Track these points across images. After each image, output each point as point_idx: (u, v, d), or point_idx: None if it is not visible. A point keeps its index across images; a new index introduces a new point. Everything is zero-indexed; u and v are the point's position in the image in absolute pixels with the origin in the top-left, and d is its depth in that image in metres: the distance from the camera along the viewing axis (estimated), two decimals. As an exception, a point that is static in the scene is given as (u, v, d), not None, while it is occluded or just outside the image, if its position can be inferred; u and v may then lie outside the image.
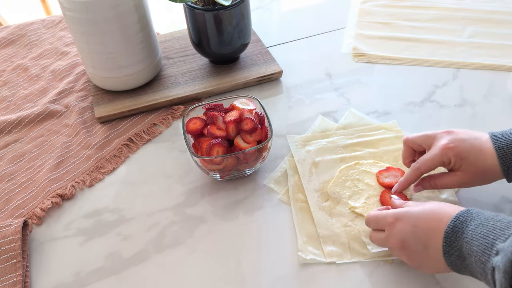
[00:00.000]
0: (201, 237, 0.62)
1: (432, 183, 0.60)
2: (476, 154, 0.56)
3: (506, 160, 0.55)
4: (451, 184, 0.59)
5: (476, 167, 0.56)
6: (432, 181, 0.60)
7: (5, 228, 0.61)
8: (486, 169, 0.56)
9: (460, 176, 0.58)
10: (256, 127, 0.65)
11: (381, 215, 0.55)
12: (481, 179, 0.58)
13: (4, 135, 0.79)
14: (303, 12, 1.06)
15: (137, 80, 0.82)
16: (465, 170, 0.57)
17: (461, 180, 0.58)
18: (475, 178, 0.57)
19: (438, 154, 0.58)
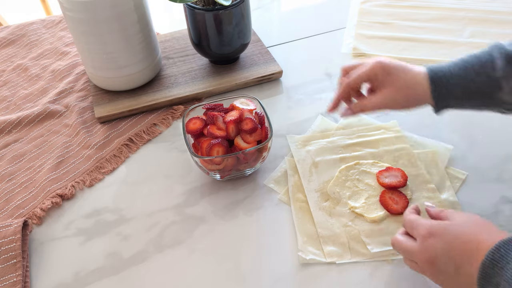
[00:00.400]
0: (201, 237, 0.62)
1: (361, 105, 0.60)
2: (403, 70, 0.58)
3: (436, 80, 0.56)
4: (377, 103, 0.59)
5: (403, 81, 0.57)
6: (361, 103, 0.60)
7: (5, 228, 0.61)
8: (413, 86, 0.57)
9: (386, 92, 0.58)
10: (256, 127, 0.65)
11: (418, 223, 0.50)
12: (405, 95, 0.58)
13: (4, 135, 0.79)
14: (303, 12, 1.06)
15: (137, 80, 0.82)
16: (391, 85, 0.58)
17: (388, 97, 0.58)
18: (400, 94, 0.58)
19: (367, 68, 0.59)
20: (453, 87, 0.56)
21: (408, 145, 0.70)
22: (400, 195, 0.62)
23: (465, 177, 0.66)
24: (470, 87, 0.55)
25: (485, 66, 0.55)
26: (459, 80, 0.56)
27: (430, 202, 0.56)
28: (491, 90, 0.55)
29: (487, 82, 0.55)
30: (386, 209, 0.62)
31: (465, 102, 0.57)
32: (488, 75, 0.55)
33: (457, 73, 0.56)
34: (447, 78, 0.56)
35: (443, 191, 0.64)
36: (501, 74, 0.54)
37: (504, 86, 0.54)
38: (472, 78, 0.55)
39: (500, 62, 0.54)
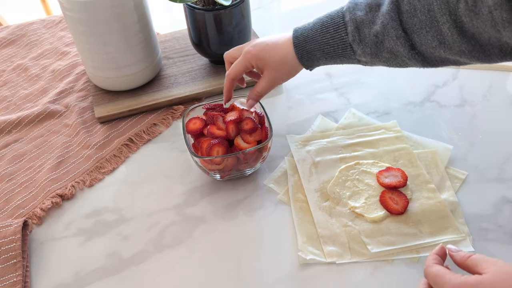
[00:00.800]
0: (201, 237, 0.62)
1: (255, 92, 0.65)
2: (270, 50, 0.62)
3: (299, 48, 0.60)
4: (265, 86, 0.64)
5: (273, 61, 0.62)
6: (254, 90, 0.65)
7: (5, 228, 0.61)
8: (283, 60, 0.62)
9: (266, 75, 0.63)
10: (256, 127, 0.65)
11: (442, 278, 0.43)
12: (283, 71, 0.63)
13: (4, 135, 0.79)
14: (303, 12, 1.06)
15: (137, 80, 0.82)
16: (267, 67, 0.63)
17: (270, 78, 0.63)
18: (278, 72, 0.63)
19: (241, 59, 0.64)
20: (313, 51, 0.60)
21: (408, 145, 0.70)
22: (400, 195, 0.62)
23: (465, 177, 0.66)
24: (328, 50, 0.59)
25: (338, 30, 0.58)
26: (317, 44, 0.60)
27: (452, 245, 0.48)
28: (346, 52, 0.59)
29: (341, 45, 0.58)
30: (386, 209, 0.62)
31: (328, 62, 0.61)
32: (341, 39, 0.58)
33: (315, 36, 0.60)
34: (307, 42, 0.60)
35: (443, 191, 0.64)
36: (351, 38, 0.57)
37: (356, 50, 0.58)
38: (328, 41, 0.59)
39: (350, 26, 0.57)
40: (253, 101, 0.66)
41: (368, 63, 0.60)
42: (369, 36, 0.56)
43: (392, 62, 0.58)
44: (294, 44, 0.61)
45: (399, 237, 0.59)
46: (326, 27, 0.59)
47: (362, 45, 0.57)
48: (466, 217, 0.61)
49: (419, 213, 0.61)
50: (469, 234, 0.59)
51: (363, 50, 0.57)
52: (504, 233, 0.59)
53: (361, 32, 0.57)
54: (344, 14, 0.58)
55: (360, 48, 0.57)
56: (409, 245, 0.58)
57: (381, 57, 0.57)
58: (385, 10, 0.54)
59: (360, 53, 0.58)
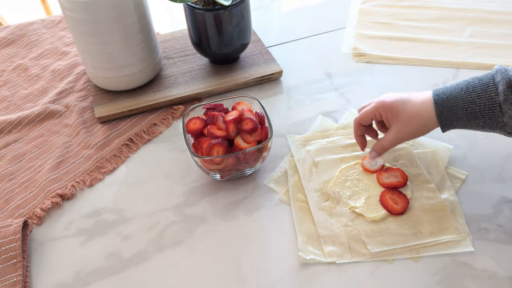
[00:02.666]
0: (201, 237, 0.62)
1: (379, 144, 0.63)
2: (404, 103, 0.60)
3: (439, 104, 0.58)
4: (392, 139, 0.62)
5: (405, 113, 0.60)
6: (379, 142, 0.63)
7: (5, 228, 0.61)
8: (416, 115, 0.59)
9: (395, 127, 0.61)
10: (256, 127, 0.65)
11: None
12: (414, 126, 0.60)
13: (4, 135, 0.79)
14: (303, 12, 1.06)
15: (137, 80, 0.82)
16: (396, 119, 0.61)
17: (397, 132, 0.61)
18: (408, 126, 0.60)
19: (370, 107, 0.63)
20: (456, 109, 0.57)
21: (408, 145, 0.70)
22: (400, 195, 0.62)
23: (465, 177, 0.66)
24: (473, 109, 0.56)
25: (487, 89, 0.55)
26: (461, 102, 0.57)
27: None
28: (493, 113, 0.55)
29: (489, 105, 0.55)
30: (386, 209, 0.62)
31: (468, 123, 0.58)
32: (490, 98, 0.55)
33: (460, 95, 0.57)
34: (449, 100, 0.57)
35: (443, 191, 0.64)
36: (502, 98, 0.54)
37: (506, 110, 0.55)
38: (474, 100, 0.56)
39: (501, 86, 0.54)
40: (376, 153, 0.64)
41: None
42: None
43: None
44: (434, 101, 0.58)
45: (399, 237, 0.59)
46: (472, 86, 0.56)
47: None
48: (466, 217, 0.61)
49: (419, 213, 0.61)
50: (469, 234, 0.59)
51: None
52: (504, 233, 0.59)
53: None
54: (494, 75, 0.56)
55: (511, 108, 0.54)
56: (409, 245, 0.58)
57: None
58: None
59: (510, 114, 0.54)
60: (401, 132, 0.61)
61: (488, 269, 0.56)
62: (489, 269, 0.56)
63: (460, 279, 0.55)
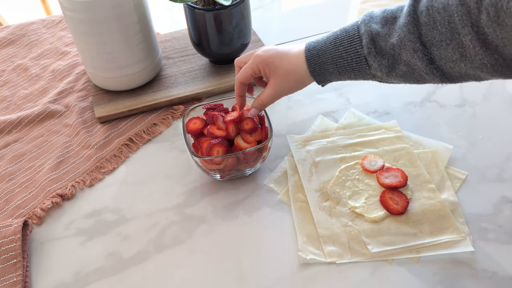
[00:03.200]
0: (201, 237, 0.62)
1: (258, 100, 0.64)
2: (280, 58, 0.60)
3: (311, 60, 0.58)
4: (271, 94, 0.62)
5: (282, 69, 0.60)
6: (258, 98, 0.64)
7: (5, 228, 0.61)
8: (292, 70, 0.60)
9: (273, 82, 0.62)
10: (257, 127, 0.65)
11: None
12: (291, 81, 0.61)
13: (4, 135, 0.79)
14: (303, 12, 1.06)
15: (137, 80, 0.82)
16: (274, 75, 0.61)
17: (275, 87, 0.62)
18: (285, 82, 0.61)
19: (249, 63, 0.62)
20: (326, 64, 0.58)
21: (408, 145, 0.70)
22: (400, 195, 0.62)
23: (465, 177, 0.66)
24: (342, 64, 0.57)
25: (352, 43, 0.56)
26: (330, 57, 0.58)
27: None
28: (360, 66, 0.56)
29: (355, 59, 0.56)
30: (386, 209, 0.62)
31: (340, 77, 0.59)
32: (356, 52, 0.56)
33: (328, 49, 0.58)
34: (320, 56, 0.58)
35: (443, 191, 0.64)
36: (366, 51, 0.55)
37: (371, 63, 0.55)
38: (342, 55, 0.57)
39: (365, 39, 0.55)
40: (256, 110, 0.65)
41: (383, 78, 0.57)
42: (385, 48, 0.54)
43: (409, 76, 0.55)
44: (306, 56, 0.59)
45: (399, 237, 0.59)
46: (340, 40, 0.57)
47: (378, 57, 0.55)
48: (466, 217, 0.61)
49: (419, 213, 0.61)
50: (469, 234, 0.59)
51: (379, 63, 0.55)
52: (504, 233, 0.59)
53: (377, 45, 0.54)
54: (359, 27, 0.56)
55: (376, 61, 0.55)
56: (409, 245, 0.58)
57: (397, 71, 0.55)
58: (402, 22, 0.52)
59: (376, 67, 0.56)
60: (279, 87, 0.62)
61: (488, 269, 0.56)
62: (489, 269, 0.56)
63: (460, 279, 0.55)
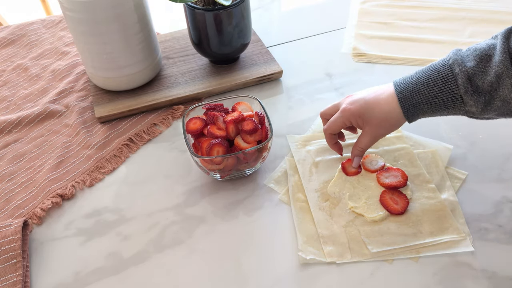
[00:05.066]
0: (201, 237, 0.62)
1: (358, 148, 0.64)
2: (372, 109, 0.61)
3: (405, 102, 0.59)
4: (366, 142, 0.63)
5: (375, 118, 0.61)
6: (357, 147, 0.65)
7: (5, 228, 0.61)
8: (386, 117, 0.61)
9: (367, 131, 0.63)
10: (257, 127, 0.65)
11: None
12: (386, 126, 0.62)
13: (4, 135, 0.79)
14: (303, 12, 1.06)
15: (137, 80, 0.82)
16: (368, 124, 0.62)
17: (372, 135, 0.63)
18: (380, 128, 0.62)
19: (338, 116, 0.64)
20: (421, 105, 0.59)
21: (408, 145, 0.70)
22: (400, 195, 0.62)
23: (465, 177, 0.66)
24: (437, 103, 0.58)
25: (447, 83, 0.57)
26: (425, 98, 0.58)
27: None
28: (455, 104, 0.57)
29: (451, 98, 0.57)
30: (386, 209, 0.62)
31: (434, 114, 0.60)
32: (452, 91, 0.57)
33: (422, 91, 0.58)
34: (413, 97, 0.59)
35: (443, 191, 0.64)
36: (463, 91, 0.56)
37: (467, 101, 0.56)
38: (437, 94, 0.58)
39: (460, 79, 0.56)
40: (358, 158, 0.65)
41: (477, 114, 0.58)
42: (482, 86, 0.55)
43: (504, 110, 0.56)
44: (399, 100, 0.59)
45: (399, 237, 0.59)
46: (433, 80, 0.58)
47: (475, 96, 0.56)
48: (466, 217, 0.61)
49: (419, 213, 0.61)
50: (469, 234, 0.59)
51: (475, 101, 0.56)
52: (504, 233, 0.59)
53: (473, 83, 0.55)
54: (452, 66, 0.57)
55: (472, 99, 0.56)
56: (409, 245, 0.58)
57: (492, 106, 0.56)
58: (499, 59, 0.53)
59: (472, 104, 0.56)
60: (376, 134, 0.63)
61: (488, 269, 0.56)
62: (489, 269, 0.56)
63: (460, 279, 0.55)
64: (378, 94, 0.62)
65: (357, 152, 0.65)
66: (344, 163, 0.67)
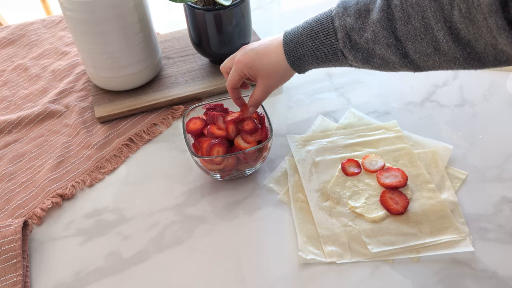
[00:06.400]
0: (201, 237, 0.62)
1: (252, 100, 0.65)
2: (260, 59, 0.62)
3: (290, 54, 0.60)
4: (259, 93, 0.64)
5: (265, 69, 0.62)
6: (252, 98, 0.66)
7: (5, 228, 0.61)
8: (274, 68, 0.62)
9: (261, 83, 0.63)
10: (257, 127, 0.65)
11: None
12: (277, 77, 0.63)
13: (4, 135, 0.79)
14: (303, 12, 1.06)
15: (137, 80, 0.82)
16: (259, 75, 0.63)
17: (264, 86, 0.63)
18: (271, 79, 0.63)
19: (233, 70, 0.64)
20: (304, 57, 0.60)
21: (408, 145, 0.70)
22: (400, 195, 0.62)
23: (465, 177, 0.66)
24: (319, 56, 0.59)
25: (328, 36, 0.57)
26: (308, 51, 0.59)
27: None
28: (337, 57, 0.58)
29: (332, 51, 0.58)
30: (386, 209, 0.62)
31: (319, 66, 0.61)
32: (332, 45, 0.57)
33: (305, 42, 0.59)
34: (297, 49, 0.60)
35: (443, 191, 0.64)
36: (342, 45, 0.57)
37: (347, 55, 0.57)
38: (319, 47, 0.58)
39: (340, 33, 0.56)
40: (253, 108, 0.67)
41: (360, 67, 0.59)
42: (360, 43, 0.55)
43: (384, 68, 0.57)
44: (285, 51, 0.61)
45: (399, 237, 0.59)
46: (315, 32, 0.58)
47: (353, 51, 0.56)
48: (466, 217, 0.61)
49: (419, 213, 0.61)
50: (469, 234, 0.59)
51: (354, 56, 0.57)
52: (504, 233, 0.59)
53: (352, 39, 0.56)
54: (333, 19, 0.57)
55: (351, 54, 0.57)
56: (409, 245, 0.58)
57: (373, 63, 0.57)
58: (376, 17, 0.53)
59: (352, 59, 0.57)
60: (267, 85, 0.64)
61: (488, 269, 0.56)
62: (489, 269, 0.56)
63: (460, 279, 0.55)
64: (268, 45, 0.63)
65: (251, 103, 0.66)
66: (344, 163, 0.67)
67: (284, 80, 0.64)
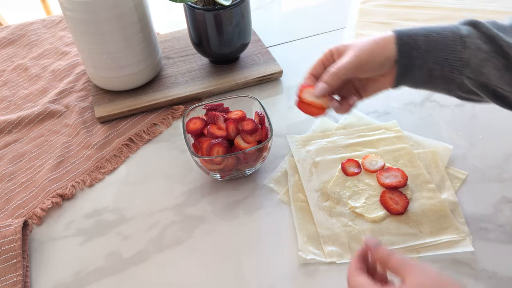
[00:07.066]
0: (201, 237, 0.62)
1: (331, 73, 0.56)
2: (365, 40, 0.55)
3: (400, 32, 0.54)
4: (345, 65, 0.55)
5: (364, 41, 0.55)
6: (327, 72, 0.56)
7: (5, 228, 0.61)
8: (372, 43, 0.55)
9: (349, 54, 0.55)
10: (257, 127, 0.65)
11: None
12: (371, 54, 0.54)
13: (4, 135, 0.79)
14: (303, 12, 1.06)
15: (137, 80, 0.82)
16: (350, 47, 0.56)
17: (351, 57, 0.55)
18: (363, 51, 0.54)
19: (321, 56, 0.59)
20: (416, 36, 0.54)
21: (408, 145, 0.70)
22: (400, 195, 0.62)
23: (465, 177, 0.66)
24: (434, 37, 0.53)
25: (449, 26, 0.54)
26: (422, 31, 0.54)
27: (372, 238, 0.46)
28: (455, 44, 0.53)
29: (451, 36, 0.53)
30: (386, 209, 0.62)
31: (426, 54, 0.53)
32: (452, 31, 0.53)
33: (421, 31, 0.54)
34: (411, 30, 0.54)
35: (443, 191, 0.64)
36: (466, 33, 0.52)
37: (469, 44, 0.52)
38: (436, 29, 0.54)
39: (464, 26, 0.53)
40: (325, 85, 0.56)
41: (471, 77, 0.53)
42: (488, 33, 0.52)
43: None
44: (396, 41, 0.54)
45: (399, 237, 0.59)
46: (434, 26, 0.54)
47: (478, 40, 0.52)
48: (466, 217, 0.61)
49: (419, 213, 0.61)
50: (469, 234, 0.59)
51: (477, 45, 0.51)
52: (504, 233, 0.59)
53: (479, 28, 0.52)
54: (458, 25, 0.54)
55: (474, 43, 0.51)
56: (409, 245, 0.58)
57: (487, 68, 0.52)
58: None
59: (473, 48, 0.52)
60: (357, 54, 0.55)
61: (488, 269, 0.56)
62: (489, 269, 0.56)
63: (460, 279, 0.55)
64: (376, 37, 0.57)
65: (328, 78, 0.56)
66: (344, 163, 0.67)
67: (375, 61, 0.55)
